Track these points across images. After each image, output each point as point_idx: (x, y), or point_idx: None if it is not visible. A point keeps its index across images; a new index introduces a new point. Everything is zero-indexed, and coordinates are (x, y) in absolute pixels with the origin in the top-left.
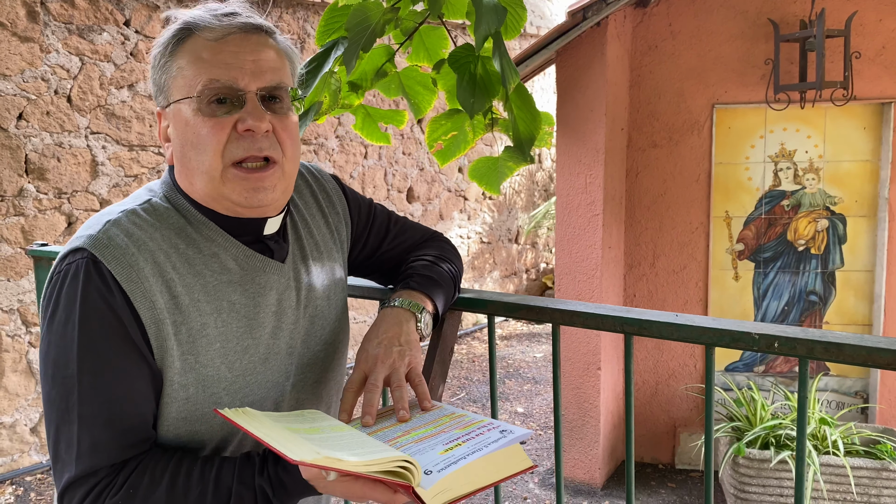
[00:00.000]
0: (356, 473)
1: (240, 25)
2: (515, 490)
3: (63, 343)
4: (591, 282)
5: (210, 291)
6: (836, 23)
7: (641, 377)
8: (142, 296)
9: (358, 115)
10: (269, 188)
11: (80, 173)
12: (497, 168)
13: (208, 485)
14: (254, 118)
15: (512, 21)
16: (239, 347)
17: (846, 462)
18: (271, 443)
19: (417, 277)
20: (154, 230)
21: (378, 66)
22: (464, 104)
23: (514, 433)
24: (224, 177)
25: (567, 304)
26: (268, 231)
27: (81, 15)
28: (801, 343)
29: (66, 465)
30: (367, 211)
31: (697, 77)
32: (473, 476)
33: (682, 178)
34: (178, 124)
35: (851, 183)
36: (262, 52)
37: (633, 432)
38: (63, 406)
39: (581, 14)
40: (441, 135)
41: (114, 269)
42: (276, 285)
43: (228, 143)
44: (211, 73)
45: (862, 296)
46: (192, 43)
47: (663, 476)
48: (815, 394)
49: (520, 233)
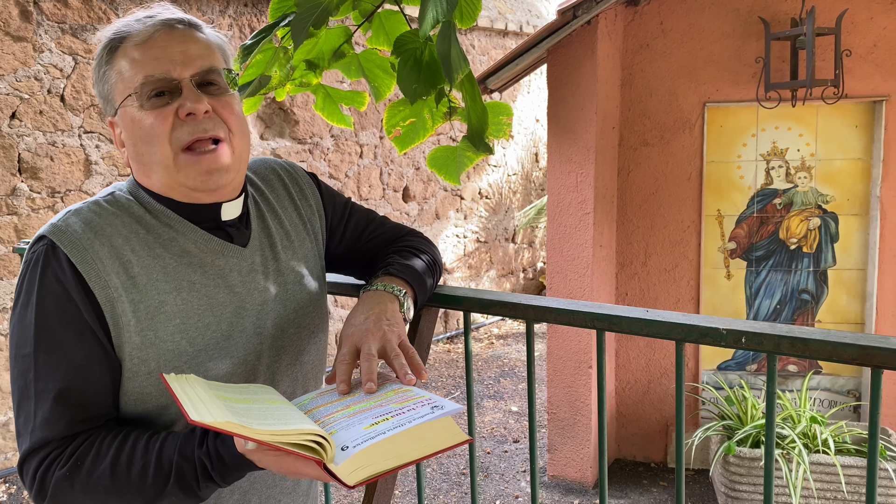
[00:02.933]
0: (262, 441)
1: (162, 22)
2: (508, 489)
3: (22, 325)
4: (582, 280)
5: (170, 272)
6: (826, 21)
7: (633, 375)
8: (96, 276)
9: (318, 94)
10: (223, 169)
11: (73, 172)
12: (455, 158)
13: (151, 458)
14: (192, 101)
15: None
16: (200, 324)
17: (836, 461)
18: (183, 403)
19: (397, 265)
20: (114, 217)
21: (336, 46)
22: (405, 90)
23: (445, 408)
24: (177, 163)
25: (539, 300)
26: (226, 216)
27: (75, 14)
28: (768, 338)
29: (24, 438)
30: (342, 205)
31: (689, 75)
32: (398, 451)
33: (674, 176)
34: (126, 124)
35: (843, 181)
36: (188, 43)
37: (606, 429)
38: (22, 383)
39: (571, 12)
40: (399, 121)
41: (69, 252)
42: (236, 267)
43: (174, 131)
44: (145, 69)
45: (854, 294)
46: (122, 49)
47: (655, 475)
48: (807, 392)
49: (516, 232)
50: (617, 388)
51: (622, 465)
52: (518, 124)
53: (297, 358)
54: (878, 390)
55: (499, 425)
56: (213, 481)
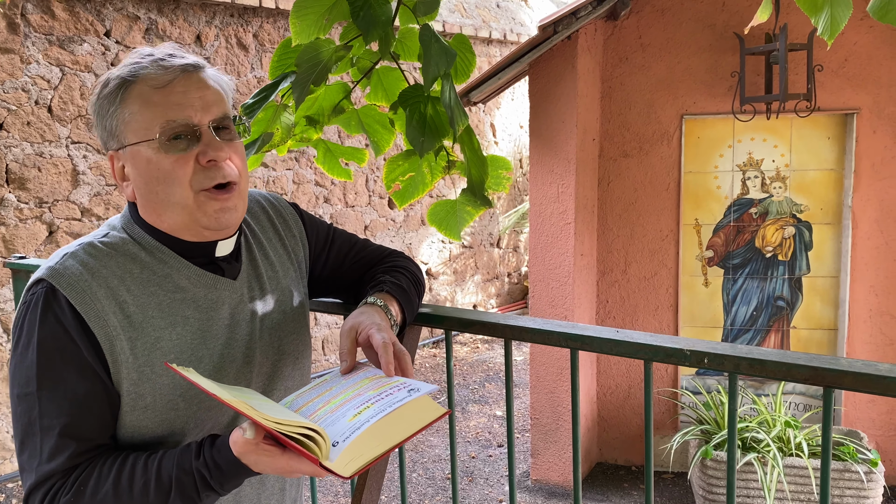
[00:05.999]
0: (266, 427)
1: (181, 67)
2: (492, 493)
3: (24, 365)
4: (563, 289)
5: (164, 308)
6: (799, 37)
7: (615, 381)
8: (95, 316)
9: (319, 149)
10: (233, 208)
11: (60, 183)
12: (456, 212)
13: (151, 475)
14: (214, 149)
15: (462, 65)
16: (193, 357)
17: (809, 464)
18: (196, 380)
19: (389, 284)
20: (108, 259)
21: (335, 102)
22: (413, 143)
23: (421, 390)
24: (197, 203)
25: (517, 319)
26: (220, 253)
27: (62, 26)
28: (729, 359)
29: (28, 474)
30: (325, 233)
31: (667, 88)
32: (384, 436)
33: (653, 186)
34: (138, 164)
35: (817, 191)
36: (205, 90)
37: (580, 441)
38: (26, 420)
39: (552, 28)
40: (398, 175)
41: (69, 294)
42: (227, 300)
43: (194, 175)
44: (166, 114)
45: (828, 301)
46: (138, 90)
47: (636, 478)
48: (782, 397)
49: (501, 237)
50: (598, 393)
51: (604, 469)
52: (502, 130)
53: (282, 383)
54: (830, 408)
55: (483, 430)
56: (212, 490)
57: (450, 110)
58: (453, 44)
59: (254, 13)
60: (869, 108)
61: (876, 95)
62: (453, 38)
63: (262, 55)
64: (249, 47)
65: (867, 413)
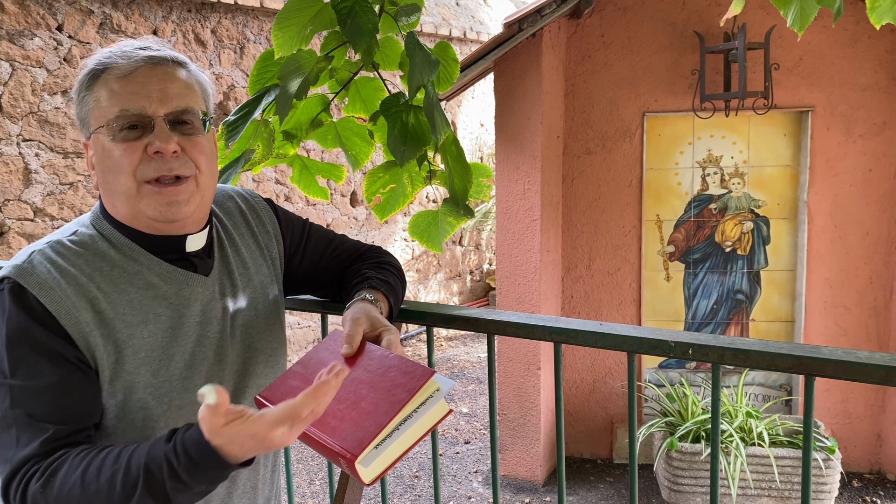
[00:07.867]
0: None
1: (146, 58)
2: (460, 489)
3: None
4: (530, 285)
5: (136, 306)
6: (756, 36)
7: (580, 375)
8: (66, 313)
9: (294, 166)
10: (183, 202)
11: (12, 182)
12: (437, 223)
13: (121, 464)
14: (161, 140)
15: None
16: (165, 355)
17: (770, 452)
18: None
19: (375, 280)
20: (77, 257)
21: (313, 115)
22: (394, 152)
23: (443, 388)
24: (140, 193)
25: (500, 314)
26: (191, 248)
27: (11, 20)
28: (713, 350)
29: (4, 465)
30: (300, 229)
31: (629, 86)
32: (404, 441)
33: (616, 183)
34: (97, 151)
35: (774, 187)
36: (168, 81)
37: (564, 434)
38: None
39: (517, 25)
40: (379, 187)
41: (37, 292)
42: (199, 297)
43: (140, 165)
44: (122, 103)
45: (785, 294)
46: (104, 79)
47: (602, 471)
48: (743, 388)
49: (463, 235)
50: (563, 388)
51: (570, 463)
52: (463, 129)
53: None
54: (811, 396)
55: (450, 427)
56: (180, 481)
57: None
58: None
59: (211, 9)
60: (823, 106)
61: (829, 94)
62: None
63: (220, 51)
64: (207, 43)
65: (823, 402)
